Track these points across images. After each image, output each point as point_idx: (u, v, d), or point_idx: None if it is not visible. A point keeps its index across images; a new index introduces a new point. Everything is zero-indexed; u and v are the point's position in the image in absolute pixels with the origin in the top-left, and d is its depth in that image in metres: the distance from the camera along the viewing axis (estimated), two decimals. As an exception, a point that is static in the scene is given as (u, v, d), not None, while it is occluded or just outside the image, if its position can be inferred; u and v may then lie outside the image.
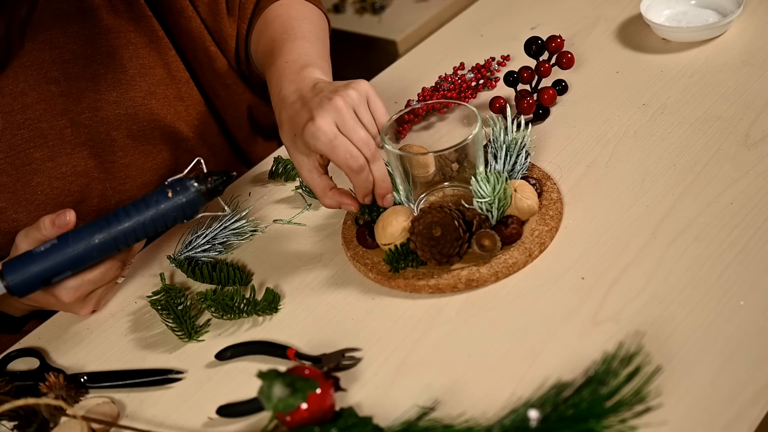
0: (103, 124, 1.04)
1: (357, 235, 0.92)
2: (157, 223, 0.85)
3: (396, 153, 0.87)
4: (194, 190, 0.85)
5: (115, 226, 0.84)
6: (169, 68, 1.09)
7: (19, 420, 0.82)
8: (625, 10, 1.21)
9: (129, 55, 1.06)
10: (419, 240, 0.84)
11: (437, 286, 0.85)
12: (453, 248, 0.83)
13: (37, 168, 1.01)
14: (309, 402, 0.71)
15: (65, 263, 0.84)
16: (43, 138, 1.01)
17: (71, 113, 1.03)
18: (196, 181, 0.86)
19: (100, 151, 1.05)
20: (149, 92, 1.07)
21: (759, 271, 0.78)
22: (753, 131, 0.94)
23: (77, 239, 0.84)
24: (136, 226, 0.84)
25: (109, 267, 0.87)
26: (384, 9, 1.85)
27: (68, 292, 0.86)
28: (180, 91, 1.11)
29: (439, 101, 1.05)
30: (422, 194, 0.91)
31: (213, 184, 0.86)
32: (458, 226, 0.83)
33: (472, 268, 0.85)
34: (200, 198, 0.86)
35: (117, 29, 1.05)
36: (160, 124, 1.08)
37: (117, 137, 1.06)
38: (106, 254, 0.86)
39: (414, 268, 0.86)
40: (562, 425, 0.66)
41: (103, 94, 1.04)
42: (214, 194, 0.87)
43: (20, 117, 1.00)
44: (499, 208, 0.86)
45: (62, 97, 1.02)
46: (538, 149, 1.00)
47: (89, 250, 0.84)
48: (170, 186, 0.85)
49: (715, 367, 0.71)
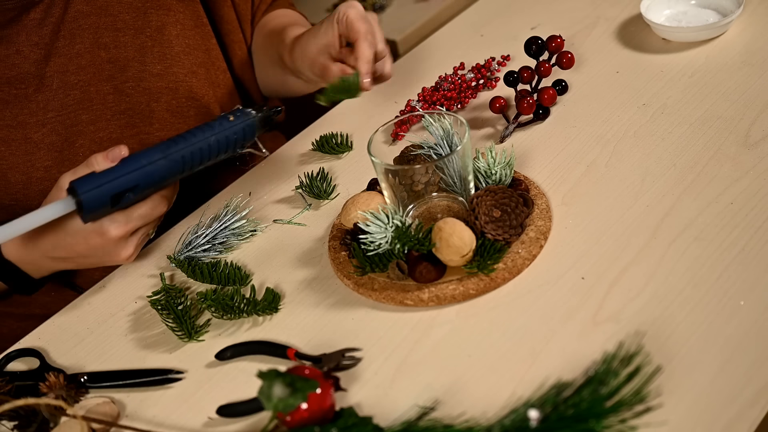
0: (145, 94, 1.08)
1: (410, 270, 0.85)
2: (220, 144, 0.89)
3: (383, 166, 0.87)
4: (253, 115, 0.92)
5: (182, 144, 0.87)
6: (210, 54, 1.14)
7: (19, 420, 0.82)
8: (625, 10, 1.21)
9: (176, 32, 1.10)
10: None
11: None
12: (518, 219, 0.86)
13: (81, 130, 1.05)
14: (309, 402, 0.71)
15: (135, 179, 0.85)
16: (89, 101, 1.05)
17: (116, 80, 1.06)
18: (253, 109, 0.93)
19: (138, 122, 1.08)
20: (191, 71, 1.11)
21: (759, 271, 0.78)
22: (753, 131, 0.94)
23: (146, 156, 0.85)
24: (203, 145, 0.88)
25: (157, 202, 0.89)
26: (384, 9, 1.85)
27: (118, 225, 0.87)
28: (217, 78, 1.16)
29: (419, 113, 0.99)
30: (411, 205, 0.91)
31: (268, 113, 0.94)
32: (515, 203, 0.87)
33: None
34: (258, 123, 0.93)
35: (168, 6, 1.10)
36: (197, 103, 1.12)
37: (156, 109, 1.09)
38: (171, 176, 0.88)
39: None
40: (562, 425, 0.66)
41: (148, 66, 1.08)
42: (267, 122, 0.94)
43: (74, 78, 1.04)
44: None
45: (110, 64, 1.06)
46: (538, 149, 1.00)
47: (157, 168, 0.86)
48: (231, 113, 0.92)
49: (715, 367, 0.71)
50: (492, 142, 1.04)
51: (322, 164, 1.09)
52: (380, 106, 1.17)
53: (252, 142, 0.94)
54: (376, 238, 0.84)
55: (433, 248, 0.83)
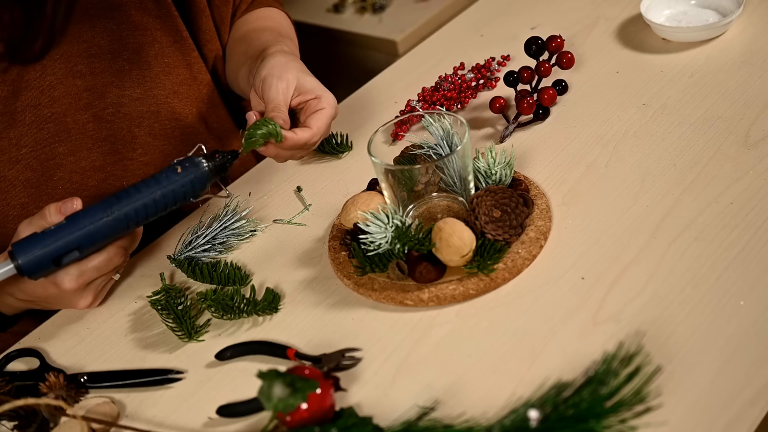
0: (126, 120, 1.05)
1: (410, 270, 0.85)
2: (167, 199, 0.86)
3: (383, 166, 0.87)
4: (203, 166, 0.87)
5: (126, 202, 0.84)
6: (192, 69, 1.11)
7: (19, 420, 0.82)
8: (625, 10, 1.21)
9: (155, 53, 1.07)
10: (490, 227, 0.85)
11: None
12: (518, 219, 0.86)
13: (59, 162, 1.02)
14: (309, 402, 0.71)
15: (76, 241, 0.83)
16: (67, 132, 1.02)
17: (95, 108, 1.03)
18: (204, 158, 0.88)
19: (120, 148, 1.05)
20: (173, 91, 1.08)
21: (759, 271, 0.78)
22: (753, 131, 0.94)
23: (87, 217, 0.84)
24: (147, 201, 0.85)
25: (113, 253, 0.87)
26: (384, 9, 1.85)
27: (71, 278, 0.86)
28: (201, 93, 1.12)
29: (419, 113, 0.99)
30: (411, 205, 0.91)
31: (221, 161, 0.88)
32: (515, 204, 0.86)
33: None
34: (208, 174, 0.87)
35: (144, 26, 1.06)
36: (181, 123, 1.09)
37: (138, 134, 1.06)
38: (116, 233, 0.85)
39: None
40: (562, 425, 0.66)
41: (126, 90, 1.05)
42: (221, 171, 0.89)
43: (47, 111, 1.00)
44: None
45: (87, 92, 1.02)
46: (538, 149, 1.00)
47: (100, 227, 0.84)
48: (179, 163, 0.87)
49: (715, 367, 0.71)
50: (492, 142, 1.04)
51: (322, 164, 1.09)
52: (380, 106, 1.17)
53: (210, 188, 0.90)
54: (376, 238, 0.84)
55: (433, 248, 0.83)
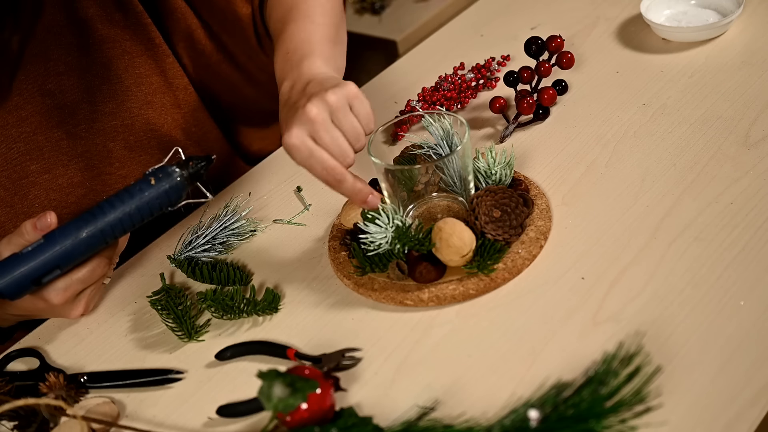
0: (99, 135, 1.04)
1: (410, 270, 0.85)
2: (142, 212, 0.84)
3: (383, 166, 0.87)
4: (177, 175, 0.85)
5: (101, 218, 0.83)
6: (166, 75, 1.08)
7: (19, 420, 0.82)
8: (625, 10, 1.21)
9: (124, 65, 1.05)
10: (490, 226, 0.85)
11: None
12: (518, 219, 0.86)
13: (33, 181, 1.01)
14: (309, 402, 0.71)
15: (54, 260, 0.83)
16: (39, 150, 1.00)
17: (67, 125, 1.02)
18: (177, 167, 0.86)
19: (97, 163, 1.04)
20: (146, 102, 1.06)
21: (759, 271, 0.78)
22: (753, 131, 0.94)
23: (64, 235, 0.83)
24: (122, 216, 0.84)
25: (96, 264, 0.86)
26: (384, 9, 1.85)
27: (57, 293, 0.85)
28: (177, 99, 1.10)
29: (419, 113, 0.99)
30: (411, 205, 0.91)
31: (195, 168, 0.87)
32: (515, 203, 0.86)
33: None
34: (183, 183, 0.86)
35: (112, 39, 1.04)
36: (158, 133, 1.08)
37: (114, 148, 1.05)
38: (94, 249, 0.85)
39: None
40: (562, 425, 0.66)
41: (98, 106, 1.03)
42: (196, 178, 0.87)
43: (15, 131, 0.99)
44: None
45: (58, 110, 1.01)
46: (538, 149, 1.00)
47: (77, 245, 0.83)
48: (152, 174, 0.85)
49: (715, 367, 0.71)
50: (492, 142, 1.04)
51: (322, 164, 1.09)
52: (380, 106, 1.17)
53: (191, 191, 0.88)
54: (376, 238, 0.84)
55: (433, 248, 0.83)
